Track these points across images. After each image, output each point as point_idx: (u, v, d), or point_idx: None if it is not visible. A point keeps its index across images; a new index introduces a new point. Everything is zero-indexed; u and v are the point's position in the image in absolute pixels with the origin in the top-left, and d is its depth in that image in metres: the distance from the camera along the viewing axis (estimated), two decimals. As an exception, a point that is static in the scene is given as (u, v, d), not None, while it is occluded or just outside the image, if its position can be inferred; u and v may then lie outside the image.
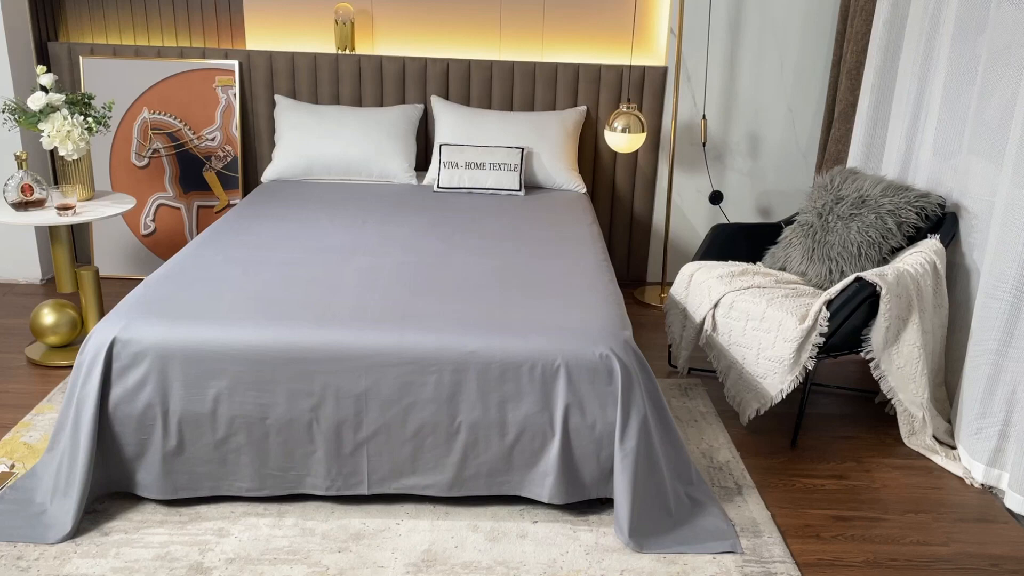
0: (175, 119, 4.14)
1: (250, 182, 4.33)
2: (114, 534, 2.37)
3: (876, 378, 2.91)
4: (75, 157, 3.24)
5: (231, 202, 4.24)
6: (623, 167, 4.33)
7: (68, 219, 3.16)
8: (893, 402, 2.94)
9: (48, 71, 3.74)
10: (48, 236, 4.25)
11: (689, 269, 3.27)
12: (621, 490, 2.41)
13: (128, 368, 2.40)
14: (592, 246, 3.26)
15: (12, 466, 2.66)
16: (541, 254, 3.12)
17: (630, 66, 4.16)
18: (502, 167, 3.91)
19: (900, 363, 2.88)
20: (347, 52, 4.18)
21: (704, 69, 4.16)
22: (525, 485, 2.50)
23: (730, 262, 3.30)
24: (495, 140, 3.99)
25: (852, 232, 3.08)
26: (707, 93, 4.20)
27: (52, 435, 2.52)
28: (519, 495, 2.54)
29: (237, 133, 4.17)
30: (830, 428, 3.11)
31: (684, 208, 4.41)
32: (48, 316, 3.36)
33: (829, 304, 2.79)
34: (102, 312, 3.41)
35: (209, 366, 2.40)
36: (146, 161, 4.18)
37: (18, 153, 3.19)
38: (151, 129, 4.15)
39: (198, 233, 4.25)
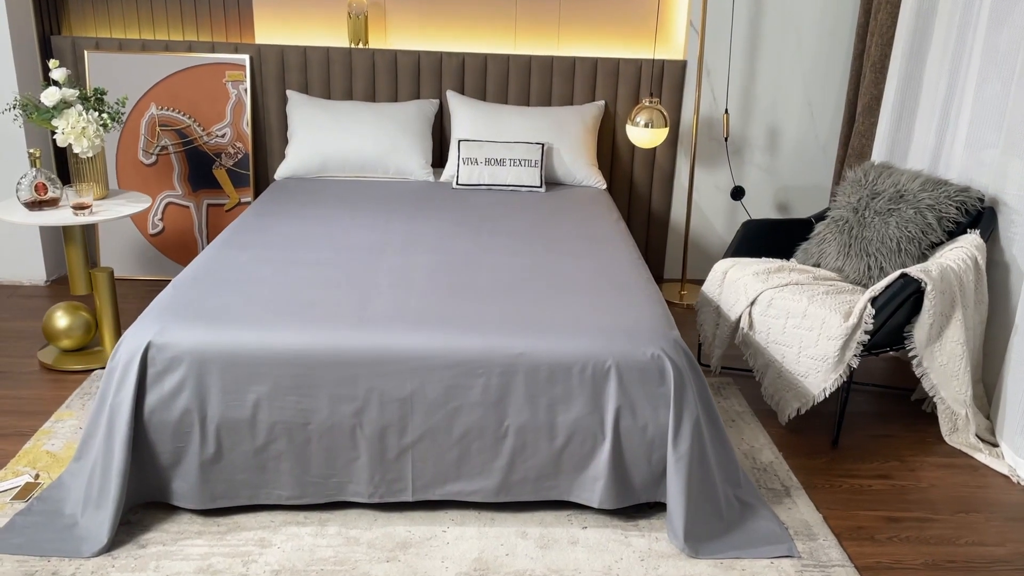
0: (184, 115, 4.04)
1: (261, 180, 4.23)
2: (151, 546, 2.27)
3: (918, 375, 2.87)
4: (90, 155, 3.13)
5: (242, 200, 4.13)
6: (641, 162, 4.27)
7: (84, 219, 3.05)
8: (934, 400, 2.90)
9: (59, 66, 3.61)
10: (54, 236, 4.13)
11: (722, 266, 3.22)
12: (675, 494, 2.35)
13: (164, 374, 2.31)
14: (623, 243, 3.19)
15: (36, 476, 2.55)
16: (572, 252, 3.05)
17: (652, 60, 4.10)
18: (522, 163, 3.83)
19: (943, 360, 2.84)
20: (360, 46, 4.08)
21: (725, 63, 4.11)
22: (574, 490, 2.44)
23: (764, 259, 3.25)
24: (514, 136, 3.91)
25: (891, 227, 3.03)
26: (729, 87, 4.14)
27: (80, 443, 2.42)
28: (566, 500, 2.47)
29: (248, 129, 4.07)
30: (868, 426, 3.07)
31: (702, 204, 4.36)
32: (61, 319, 3.25)
33: (873, 301, 2.75)
34: (117, 315, 3.30)
35: (249, 371, 2.31)
36: (154, 158, 4.07)
37: (32, 151, 3.08)
38: (159, 126, 4.04)
39: (208, 232, 4.15)
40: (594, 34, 4.16)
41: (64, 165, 4.11)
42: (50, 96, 3.04)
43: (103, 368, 3.24)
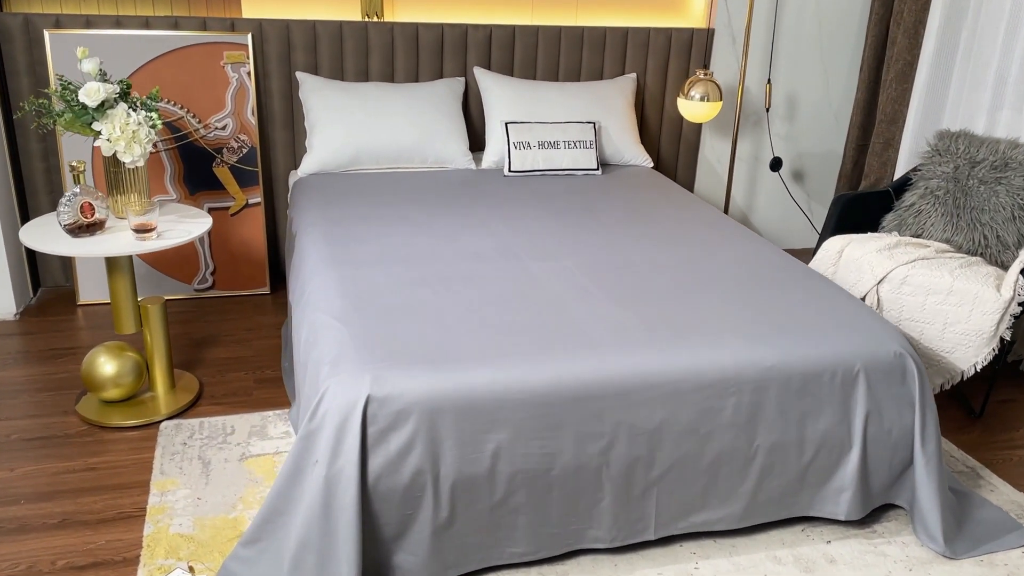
0: (174, 105, 3.43)
1: (272, 177, 3.69)
2: (397, 640, 1.90)
3: (1050, 341, 2.92)
4: (140, 163, 2.57)
5: (250, 201, 3.59)
6: (668, 136, 4.10)
7: (152, 243, 2.50)
8: (1058, 363, 2.97)
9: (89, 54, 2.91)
10: (20, 258, 3.41)
11: (836, 244, 3.13)
12: (927, 496, 2.24)
13: (389, 431, 1.91)
14: (734, 227, 3.03)
15: (191, 568, 2.07)
16: (699, 242, 2.86)
17: (686, 29, 3.91)
18: (577, 145, 3.56)
19: (1073, 325, 2.90)
20: (377, 20, 3.62)
21: (752, 31, 3.99)
22: (815, 504, 2.27)
23: (877, 234, 3.19)
24: (561, 115, 3.62)
25: (1000, 195, 3.05)
26: (773, 56, 4.04)
27: (256, 524, 1.98)
28: (806, 515, 2.30)
29: (253, 119, 3.52)
30: (982, 392, 3.10)
31: (724, 175, 4.27)
32: (107, 365, 2.67)
33: (1025, 273, 2.75)
34: (171, 355, 2.76)
35: (488, 417, 1.96)
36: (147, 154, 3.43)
37: (75, 163, 2.47)
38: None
39: (212, 241, 3.57)
40: (613, 1, 3.91)
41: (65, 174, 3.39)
42: (92, 94, 2.44)
43: (170, 419, 2.70)
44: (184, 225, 2.65)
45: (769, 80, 4.04)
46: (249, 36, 3.45)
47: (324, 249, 2.64)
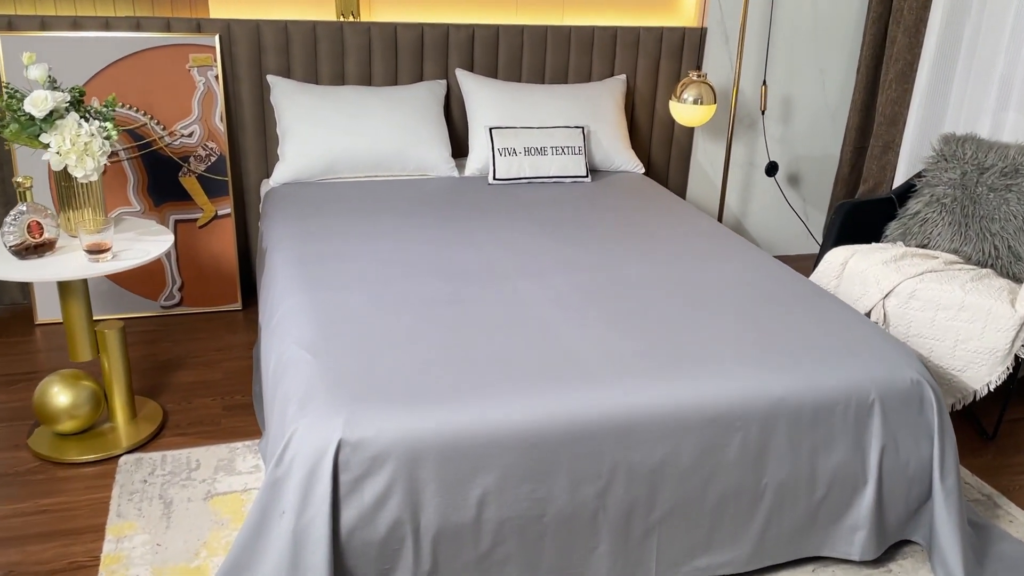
0: (137, 111, 3.22)
1: (243, 186, 3.49)
2: None
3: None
4: (94, 178, 2.37)
5: (219, 213, 3.39)
6: (659, 140, 3.93)
7: (106, 265, 2.31)
8: (1074, 380, 2.82)
9: (36, 60, 2.70)
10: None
11: (839, 256, 2.97)
12: (948, 532, 2.08)
13: (363, 479, 1.73)
14: (733, 240, 2.86)
15: (147, 629, 1.88)
16: (697, 255, 2.69)
17: (684, 28, 3.74)
18: (565, 151, 3.38)
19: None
20: (353, 20, 3.43)
21: (746, 29, 3.83)
22: (827, 544, 2.11)
23: (882, 244, 3.03)
24: (548, 119, 3.44)
25: (1011, 204, 2.90)
26: (768, 55, 3.87)
27: (219, 580, 1.79)
28: (816, 556, 2.13)
29: (222, 126, 3.32)
30: (994, 412, 2.95)
31: (716, 179, 4.10)
32: (61, 395, 2.47)
33: (1042, 287, 2.59)
34: (131, 384, 2.57)
35: (474, 460, 1.78)
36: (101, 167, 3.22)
37: (20, 179, 2.27)
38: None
39: (179, 255, 3.37)
40: (599, 1, 3.72)
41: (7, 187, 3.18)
42: (39, 103, 2.24)
43: (130, 452, 2.51)
44: (142, 244, 2.45)
45: (765, 81, 3.87)
46: (216, 37, 3.25)
47: (295, 269, 2.45)
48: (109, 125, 2.39)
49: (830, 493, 2.04)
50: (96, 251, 2.29)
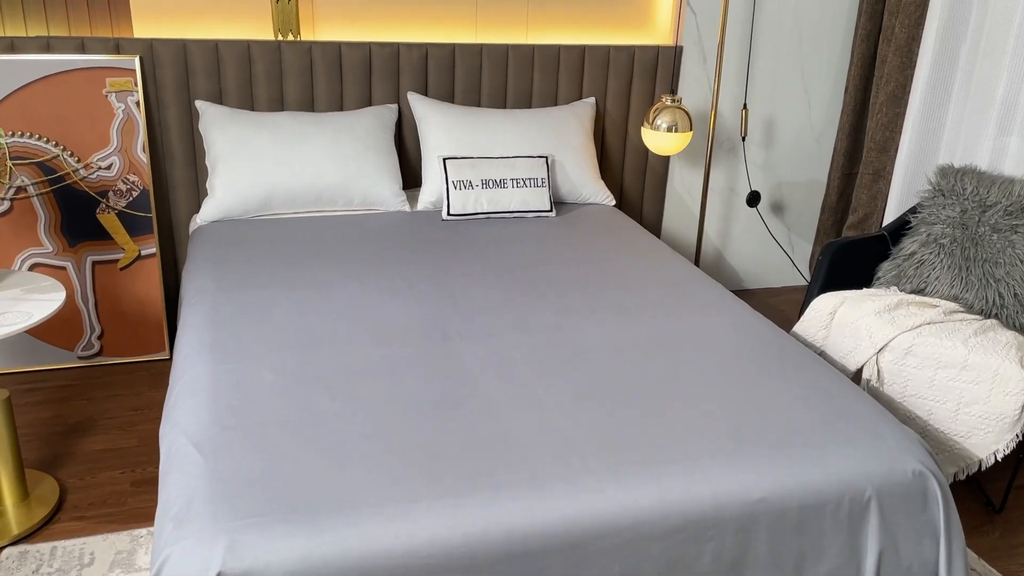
0: (47, 142, 2.89)
1: (172, 222, 3.16)
2: None
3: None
4: (-33, 228, 2.04)
5: (143, 253, 3.06)
6: (632, 167, 3.62)
7: (-23, 332, 1.97)
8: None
9: None
10: None
11: (827, 305, 2.67)
12: (957, 651, 1.78)
13: (249, 621, 1.41)
14: (712, 288, 2.56)
15: None
16: (672, 310, 2.39)
17: (658, 47, 3.44)
18: (527, 183, 3.07)
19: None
20: (293, 39, 3.11)
21: (725, 49, 3.53)
22: (817, 661, 1.80)
23: (874, 290, 2.73)
24: (509, 148, 3.13)
25: (1017, 246, 2.61)
26: (749, 76, 3.58)
27: None
28: (804, 674, 1.83)
29: (145, 157, 2.99)
30: (1001, 479, 2.66)
31: (694, 208, 3.80)
32: (-65, 477, 2.14)
33: (1056, 345, 2.30)
34: (20, 461, 2.24)
35: (388, 592, 1.46)
36: (7, 204, 2.90)
37: None
38: (9, 159, 2.87)
39: (97, 300, 3.04)
40: (567, 18, 3.41)
41: None
42: None
43: (15, 544, 2.18)
44: (25, 305, 2.12)
45: (745, 105, 3.57)
46: (137, 59, 2.92)
47: (202, 333, 2.13)
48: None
49: (820, 606, 1.74)
50: (-35, 316, 1.96)
